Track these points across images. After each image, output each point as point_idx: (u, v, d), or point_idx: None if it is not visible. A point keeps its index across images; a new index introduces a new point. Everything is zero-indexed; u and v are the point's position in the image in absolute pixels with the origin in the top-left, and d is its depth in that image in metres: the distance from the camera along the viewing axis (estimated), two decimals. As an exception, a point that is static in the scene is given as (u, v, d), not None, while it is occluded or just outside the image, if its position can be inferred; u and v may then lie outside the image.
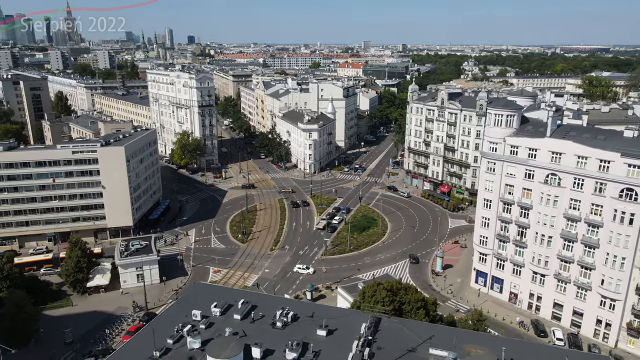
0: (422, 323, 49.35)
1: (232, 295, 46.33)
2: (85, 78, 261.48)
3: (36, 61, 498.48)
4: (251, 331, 40.27)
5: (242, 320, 41.80)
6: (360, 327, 39.74)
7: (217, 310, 42.48)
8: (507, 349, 35.79)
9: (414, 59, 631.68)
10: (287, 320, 41.43)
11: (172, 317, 42.37)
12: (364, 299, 68.86)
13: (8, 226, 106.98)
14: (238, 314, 41.99)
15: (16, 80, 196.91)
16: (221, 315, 42.42)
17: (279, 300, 51.19)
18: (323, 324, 39.93)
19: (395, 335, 39.90)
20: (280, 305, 43.69)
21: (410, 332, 39.58)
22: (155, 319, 44.40)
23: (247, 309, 43.09)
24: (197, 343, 37.53)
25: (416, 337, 39.04)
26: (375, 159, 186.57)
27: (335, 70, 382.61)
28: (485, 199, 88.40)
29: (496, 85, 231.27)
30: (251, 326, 41.09)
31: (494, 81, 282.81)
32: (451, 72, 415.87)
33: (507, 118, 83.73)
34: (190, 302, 44.51)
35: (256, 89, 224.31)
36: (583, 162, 74.55)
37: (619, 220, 71.59)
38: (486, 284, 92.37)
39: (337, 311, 44.35)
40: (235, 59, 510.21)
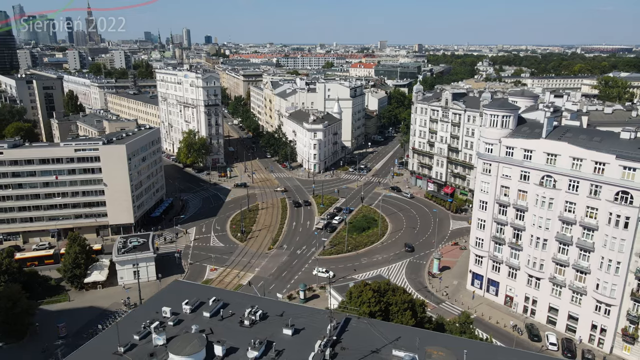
0: (392, 324, 48.99)
1: (207, 293, 46.60)
2: (99, 78, 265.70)
3: (55, 61, 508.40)
4: (218, 329, 40.48)
5: (211, 317, 42.03)
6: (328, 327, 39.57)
7: (187, 308, 42.82)
8: (470, 351, 35.35)
9: (429, 59, 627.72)
10: (255, 319, 41.52)
11: (143, 313, 42.84)
12: (351, 300, 69.06)
13: (12, 222, 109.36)
14: (207, 312, 42.24)
15: (29, 79, 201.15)
16: (191, 312, 42.74)
17: (252, 298, 51.34)
18: (289, 323, 39.89)
19: (362, 335, 39.70)
20: (252, 304, 43.78)
21: (377, 333, 39.32)
22: (127, 315, 44.89)
23: (217, 306, 43.31)
24: (161, 340, 37.89)
25: (382, 338, 38.78)
26: (381, 160, 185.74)
27: (347, 70, 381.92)
28: (481, 201, 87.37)
29: (506, 85, 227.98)
30: (219, 324, 41.30)
31: (506, 82, 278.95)
32: (465, 72, 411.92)
33: (503, 119, 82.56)
34: (164, 300, 44.93)
35: (265, 89, 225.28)
36: (578, 164, 73.23)
37: (614, 223, 70.10)
38: (482, 287, 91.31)
39: (308, 311, 44.25)
40: (249, 59, 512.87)
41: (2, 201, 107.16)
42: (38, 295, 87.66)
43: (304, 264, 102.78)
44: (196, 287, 52.09)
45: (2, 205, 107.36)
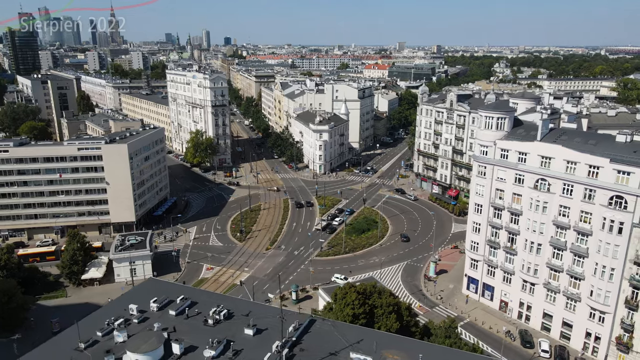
0: (356, 327, 48.55)
1: (179, 292, 46.96)
2: (114, 78, 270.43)
3: (76, 62, 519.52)
4: (182, 327, 40.75)
5: (176, 316, 42.35)
6: (290, 328, 39.48)
7: (154, 306, 43.21)
8: (426, 355, 34.85)
9: (447, 61, 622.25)
10: (220, 318, 41.67)
11: (111, 310, 43.38)
12: (336, 301, 68.79)
13: (18, 219, 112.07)
14: (174, 310, 42.56)
15: (44, 79, 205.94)
16: (158, 310, 43.12)
17: (221, 298, 51.51)
18: (251, 323, 39.91)
19: (324, 337, 39.47)
20: (222, 303, 43.94)
21: (339, 335, 39.04)
22: (95, 312, 45.52)
23: (184, 305, 43.62)
24: (122, 337, 38.30)
25: (343, 340, 38.48)
26: (388, 161, 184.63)
27: (362, 72, 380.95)
28: (476, 204, 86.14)
29: (518, 87, 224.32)
30: (184, 322, 41.58)
31: (520, 83, 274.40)
32: (481, 73, 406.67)
33: (498, 120, 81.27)
34: (134, 297, 45.44)
35: (274, 90, 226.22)
36: (572, 167, 71.60)
37: (608, 229, 68.32)
38: (477, 291, 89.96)
39: (275, 311, 44.17)
40: (265, 60, 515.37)
41: (8, 198, 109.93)
42: (37, 291, 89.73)
43: (300, 264, 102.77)
44: (169, 286, 52.57)
45: (8, 202, 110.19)
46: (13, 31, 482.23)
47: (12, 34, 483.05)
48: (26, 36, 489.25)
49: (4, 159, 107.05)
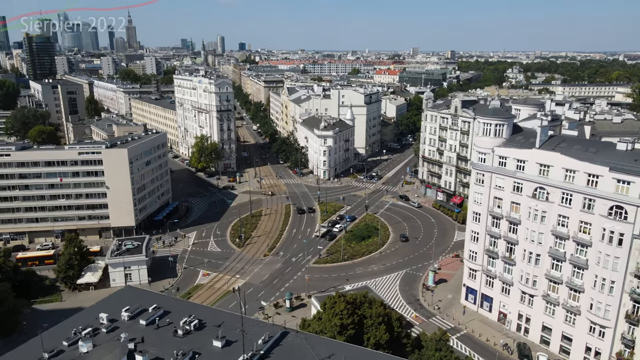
0: (330, 340, 47.12)
1: (154, 300, 46.14)
2: (125, 83, 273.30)
3: (92, 67, 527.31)
4: (150, 337, 39.84)
5: (147, 326, 41.46)
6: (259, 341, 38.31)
7: (125, 315, 42.42)
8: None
9: (460, 66, 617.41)
10: (190, 329, 40.67)
11: (81, 319, 42.70)
12: (325, 311, 67.38)
13: (19, 222, 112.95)
14: (145, 320, 41.68)
15: (55, 84, 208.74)
16: (129, 319, 42.32)
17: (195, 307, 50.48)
18: (219, 334, 38.83)
19: (294, 351, 38.22)
20: (195, 313, 42.98)
21: (310, 349, 37.75)
22: (65, 321, 44.87)
23: (156, 315, 42.73)
24: (86, 347, 37.52)
25: (314, 354, 37.19)
26: (394, 167, 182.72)
27: (372, 77, 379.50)
28: (474, 212, 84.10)
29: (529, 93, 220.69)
30: (153, 332, 40.67)
31: (532, 89, 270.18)
32: (494, 79, 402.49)
33: (496, 127, 79.33)
34: (107, 306, 44.74)
35: (282, 95, 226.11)
36: (571, 175, 69.34)
37: (608, 240, 65.88)
38: (476, 302, 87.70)
39: (251, 322, 43.05)
40: (277, 66, 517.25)
41: (10, 201, 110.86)
42: (32, 295, 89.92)
43: (297, 272, 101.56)
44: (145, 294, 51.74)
45: (10, 206, 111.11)
46: (31, 37, 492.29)
47: (29, 40, 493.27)
48: (43, 42, 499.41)
49: (5, 163, 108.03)
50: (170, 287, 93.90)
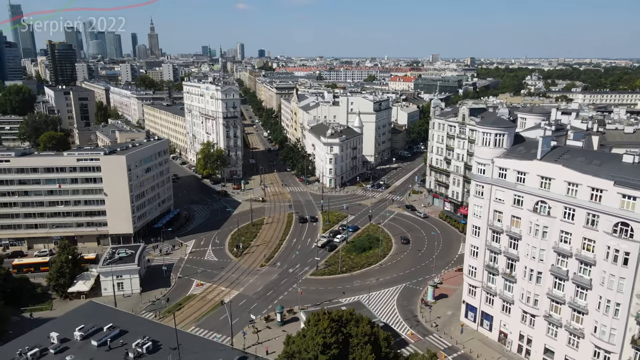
0: None
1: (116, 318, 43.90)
2: (138, 90, 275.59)
3: (112, 73, 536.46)
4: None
5: (98, 347, 39.33)
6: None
7: (78, 334, 40.33)
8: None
9: (479, 73, 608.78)
10: (142, 352, 38.28)
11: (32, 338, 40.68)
12: (308, 328, 64.36)
13: (18, 228, 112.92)
14: (97, 340, 39.45)
15: (67, 91, 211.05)
16: (81, 339, 40.21)
17: (156, 327, 48.03)
18: (170, 358, 36.27)
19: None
20: (153, 333, 40.56)
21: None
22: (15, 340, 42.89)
23: (110, 334, 40.49)
24: (27, 369, 35.44)
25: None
26: (403, 176, 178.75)
27: (387, 84, 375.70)
28: (474, 226, 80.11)
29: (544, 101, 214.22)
30: (104, 354, 38.44)
31: (550, 96, 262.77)
32: (512, 86, 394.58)
33: (496, 137, 75.44)
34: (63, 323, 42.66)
35: (291, 102, 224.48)
36: (574, 189, 65.11)
37: (612, 259, 61.39)
38: (476, 320, 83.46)
39: (209, 345, 40.44)
40: (293, 72, 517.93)
41: (9, 207, 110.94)
42: (23, 302, 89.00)
43: (293, 283, 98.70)
44: (107, 311, 49.61)
45: (9, 212, 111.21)
46: (53, 44, 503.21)
47: (52, 47, 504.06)
48: (65, 49, 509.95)
49: (5, 169, 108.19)
50: (160, 298, 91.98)
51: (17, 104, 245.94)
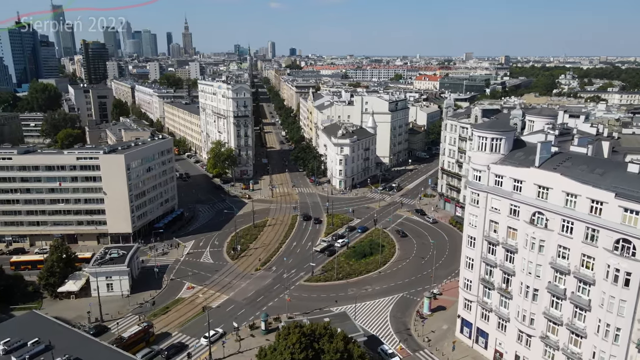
0: None
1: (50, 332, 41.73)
2: (160, 88, 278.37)
3: (143, 72, 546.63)
4: (17, 378, 35.19)
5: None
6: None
7: (1, 349, 38.19)
8: None
9: (513, 71, 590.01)
10: (62, 370, 35.74)
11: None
12: (279, 341, 61.05)
13: (20, 225, 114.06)
14: (18, 357, 37.31)
15: (87, 89, 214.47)
16: (4, 354, 38.07)
17: (86, 342, 45.51)
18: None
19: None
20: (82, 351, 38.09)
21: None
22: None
23: (34, 350, 38.30)
24: None
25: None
26: (417, 179, 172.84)
27: (412, 83, 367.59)
28: (469, 236, 74.85)
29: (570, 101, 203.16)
30: (20, 371, 36.03)
31: (582, 97, 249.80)
32: (545, 85, 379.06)
33: (493, 141, 69.93)
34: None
35: (307, 101, 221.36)
36: (572, 200, 59.28)
37: (613, 278, 55.48)
38: (471, 336, 78.14)
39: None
40: (320, 71, 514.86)
41: (11, 204, 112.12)
42: (14, 301, 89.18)
43: (285, 289, 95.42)
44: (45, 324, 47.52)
45: (12, 209, 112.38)
46: (87, 43, 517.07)
47: (86, 46, 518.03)
48: (98, 48, 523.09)
49: (7, 167, 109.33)
50: (147, 301, 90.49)
51: (43, 101, 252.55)
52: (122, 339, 71.72)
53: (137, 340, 73.71)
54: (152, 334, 77.53)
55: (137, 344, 73.41)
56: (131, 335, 73.35)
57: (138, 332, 74.76)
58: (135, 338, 73.38)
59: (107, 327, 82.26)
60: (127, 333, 74.76)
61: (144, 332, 75.63)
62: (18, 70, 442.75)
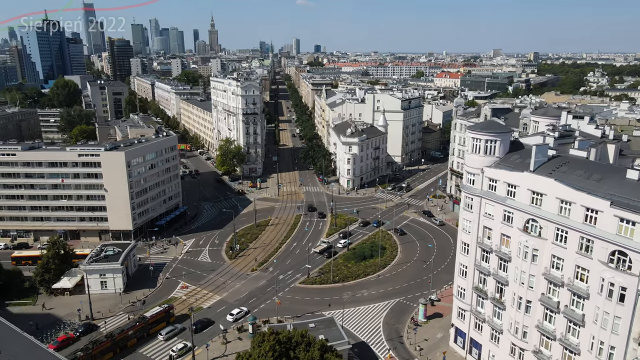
0: None
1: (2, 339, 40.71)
2: (177, 85, 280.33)
3: (166, 69, 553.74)
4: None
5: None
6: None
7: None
8: None
9: (541, 68, 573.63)
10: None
11: None
12: (254, 348, 59.22)
13: (25, 220, 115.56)
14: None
15: (102, 85, 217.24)
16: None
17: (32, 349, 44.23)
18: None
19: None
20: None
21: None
22: None
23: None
24: None
25: None
26: (429, 179, 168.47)
27: (432, 80, 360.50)
28: (463, 242, 71.39)
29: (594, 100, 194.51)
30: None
31: (609, 95, 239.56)
32: (573, 83, 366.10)
33: (487, 144, 66.21)
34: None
35: (320, 98, 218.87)
36: (567, 208, 55.37)
37: (607, 293, 51.56)
38: (465, 347, 74.71)
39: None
40: (341, 68, 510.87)
41: (16, 200, 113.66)
42: (10, 296, 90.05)
43: (279, 291, 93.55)
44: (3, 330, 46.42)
45: (16, 204, 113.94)
46: (112, 40, 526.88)
47: (112, 43, 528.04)
48: (123, 45, 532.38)
49: (11, 162, 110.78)
50: (139, 300, 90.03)
51: (64, 97, 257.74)
52: (144, 318, 77.85)
53: (158, 319, 79.25)
54: (172, 315, 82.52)
55: (159, 323, 78.97)
56: (153, 315, 78.94)
57: (159, 313, 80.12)
58: (156, 317, 79.05)
59: (97, 325, 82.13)
60: (149, 313, 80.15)
61: (164, 313, 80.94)
62: (45, 67, 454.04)
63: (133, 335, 75.61)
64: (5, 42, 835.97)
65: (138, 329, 76.20)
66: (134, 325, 76.28)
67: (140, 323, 76.63)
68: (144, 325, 76.88)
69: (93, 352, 69.53)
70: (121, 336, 73.86)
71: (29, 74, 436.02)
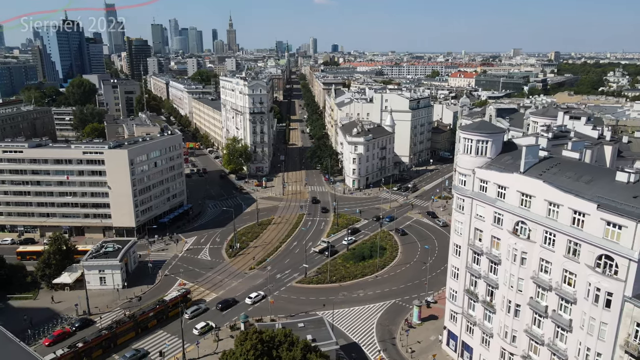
0: None
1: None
2: (190, 84, 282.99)
3: (182, 68, 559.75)
4: None
5: None
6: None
7: None
8: None
9: (561, 68, 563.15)
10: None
11: None
12: (236, 347, 59.28)
13: (31, 216, 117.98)
14: None
15: (115, 84, 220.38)
16: None
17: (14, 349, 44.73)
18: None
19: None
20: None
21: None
22: None
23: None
24: None
25: None
26: (436, 179, 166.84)
27: (446, 80, 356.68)
28: (455, 244, 70.45)
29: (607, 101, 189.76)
30: None
31: (626, 95, 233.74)
32: (592, 83, 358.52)
33: (479, 144, 65.10)
34: None
35: (330, 98, 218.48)
36: (555, 210, 54.14)
37: (593, 298, 50.28)
38: (457, 350, 73.72)
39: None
40: (356, 67, 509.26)
41: (23, 196, 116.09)
42: (12, 290, 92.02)
43: (275, 290, 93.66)
44: None
45: (23, 200, 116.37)
46: (130, 40, 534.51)
47: (129, 43, 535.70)
48: (141, 45, 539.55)
49: (19, 159, 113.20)
50: (136, 296, 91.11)
51: (79, 96, 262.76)
52: (163, 302, 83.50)
53: (177, 303, 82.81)
54: (190, 300, 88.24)
55: (177, 306, 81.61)
56: (172, 299, 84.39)
57: (177, 297, 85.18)
58: (175, 301, 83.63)
59: (93, 320, 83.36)
60: (169, 297, 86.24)
61: (182, 297, 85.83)
62: (65, 66, 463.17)
63: (153, 317, 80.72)
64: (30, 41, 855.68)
65: (158, 312, 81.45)
66: (154, 307, 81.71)
67: (160, 306, 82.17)
68: (164, 308, 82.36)
69: (117, 331, 75.23)
70: (142, 317, 79.25)
71: (49, 73, 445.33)
